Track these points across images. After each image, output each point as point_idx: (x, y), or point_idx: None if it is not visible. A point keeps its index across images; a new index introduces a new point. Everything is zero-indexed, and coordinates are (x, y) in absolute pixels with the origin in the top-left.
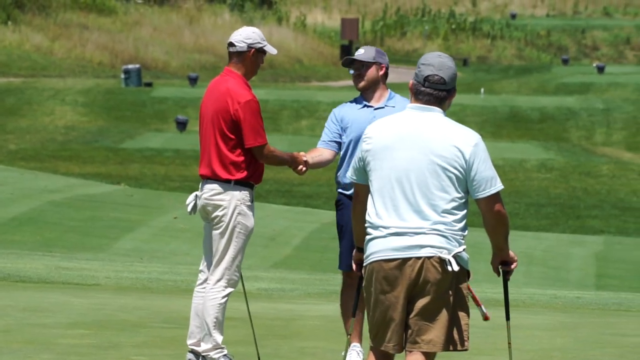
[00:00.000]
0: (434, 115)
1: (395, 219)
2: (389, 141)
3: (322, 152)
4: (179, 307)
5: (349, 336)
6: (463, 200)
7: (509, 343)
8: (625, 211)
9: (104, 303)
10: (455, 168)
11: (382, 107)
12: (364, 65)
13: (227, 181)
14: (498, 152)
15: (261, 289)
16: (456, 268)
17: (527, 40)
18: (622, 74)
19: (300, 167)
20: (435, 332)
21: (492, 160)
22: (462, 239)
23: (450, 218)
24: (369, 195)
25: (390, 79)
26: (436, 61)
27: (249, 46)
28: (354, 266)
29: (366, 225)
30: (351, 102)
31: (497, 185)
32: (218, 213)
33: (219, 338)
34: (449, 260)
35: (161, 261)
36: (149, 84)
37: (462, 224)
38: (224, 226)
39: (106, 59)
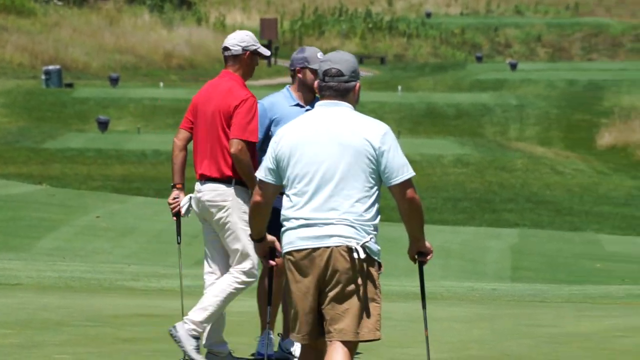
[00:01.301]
0: (342, 109)
1: (306, 210)
2: (301, 139)
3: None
4: (101, 305)
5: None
6: (373, 191)
7: (426, 331)
8: (539, 204)
9: (26, 302)
10: (366, 159)
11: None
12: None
13: (229, 180)
14: (415, 148)
15: (184, 286)
16: (362, 256)
17: (442, 39)
18: (534, 71)
19: None
20: (347, 321)
21: (410, 156)
22: (373, 230)
23: (360, 208)
24: (286, 191)
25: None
26: (333, 56)
27: (244, 49)
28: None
29: (281, 219)
30: (278, 96)
31: (409, 172)
32: (222, 214)
33: (205, 324)
34: (356, 249)
35: (83, 260)
36: (70, 85)
37: (371, 214)
38: (231, 225)
39: (26, 60)
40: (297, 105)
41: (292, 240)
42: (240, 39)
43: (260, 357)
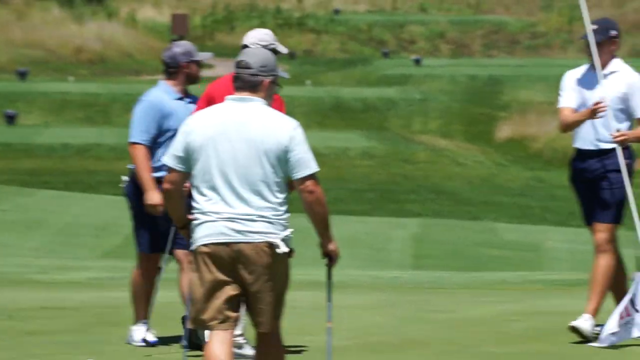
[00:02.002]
0: (254, 105)
1: (223, 205)
2: (212, 133)
3: None
4: (7, 299)
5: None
6: (284, 185)
7: (329, 322)
8: (441, 195)
9: None
10: (276, 154)
11: (191, 101)
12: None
13: None
14: (323, 141)
15: (91, 278)
16: (286, 250)
17: (350, 35)
18: (437, 67)
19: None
20: (269, 313)
21: (318, 149)
22: (286, 222)
23: (275, 203)
24: (194, 185)
25: (220, 72)
26: (248, 50)
27: (263, 48)
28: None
29: (194, 211)
30: (159, 92)
31: (314, 167)
32: None
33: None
34: (277, 244)
35: None
36: None
37: (285, 208)
38: None
39: None
40: (180, 98)
41: (209, 233)
42: (260, 38)
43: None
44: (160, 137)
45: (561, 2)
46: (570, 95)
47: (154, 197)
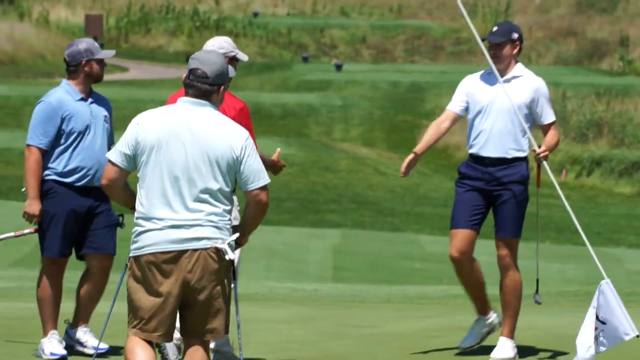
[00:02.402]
0: (206, 110)
1: (170, 211)
2: (162, 134)
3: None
4: None
5: (67, 322)
6: (231, 193)
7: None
8: (362, 205)
9: None
10: (227, 161)
11: (93, 101)
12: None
13: None
14: None
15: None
16: (232, 256)
17: (269, 39)
18: (358, 72)
19: None
20: (219, 320)
21: None
22: (230, 228)
23: (222, 209)
24: (140, 187)
25: (135, 75)
26: (202, 56)
27: (223, 55)
28: None
29: (137, 216)
30: (61, 92)
31: (265, 179)
32: None
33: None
34: (224, 249)
35: None
36: None
37: (230, 215)
38: None
39: None
40: (82, 99)
41: (156, 241)
42: (219, 46)
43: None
44: (63, 140)
45: (485, 8)
46: (458, 99)
47: (32, 206)
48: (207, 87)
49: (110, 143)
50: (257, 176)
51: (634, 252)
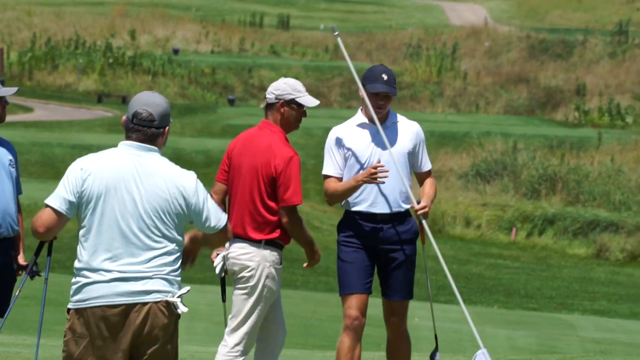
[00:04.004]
0: (152, 156)
1: (116, 262)
2: (109, 182)
3: None
4: None
5: None
6: (181, 240)
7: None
8: (293, 263)
9: None
10: (177, 209)
11: None
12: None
13: (259, 241)
14: None
15: None
16: (184, 310)
17: (190, 78)
18: None
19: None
20: None
21: None
22: (180, 279)
23: (171, 259)
24: (82, 236)
25: (40, 115)
26: (145, 97)
27: (277, 97)
28: None
29: (79, 267)
30: None
31: (224, 216)
32: (245, 274)
33: None
34: (175, 303)
35: None
36: None
37: (179, 265)
38: (250, 288)
39: None
40: None
41: (103, 294)
42: (275, 87)
43: None
44: None
45: (430, 50)
46: (336, 159)
47: None
48: (153, 131)
49: (17, 190)
50: (216, 217)
51: (589, 318)
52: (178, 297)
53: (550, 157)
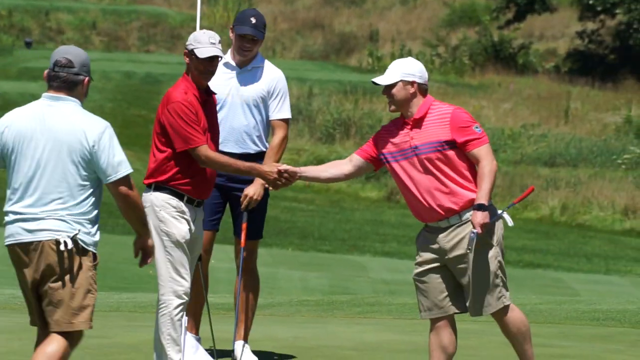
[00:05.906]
0: (67, 105)
1: (20, 205)
2: (23, 131)
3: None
4: None
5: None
6: (89, 186)
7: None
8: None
9: None
10: (79, 155)
11: None
12: None
13: (149, 185)
14: None
15: None
16: (70, 247)
17: None
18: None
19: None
20: (61, 312)
21: None
22: (87, 222)
23: (72, 202)
24: (8, 181)
25: None
26: (65, 48)
27: (185, 47)
28: None
29: (4, 209)
30: None
31: (125, 169)
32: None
33: (175, 357)
34: (65, 241)
35: None
36: None
37: (85, 208)
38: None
39: None
40: None
41: (11, 233)
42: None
43: None
44: None
45: None
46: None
47: None
48: (73, 77)
49: None
50: (115, 168)
51: (379, 259)
52: (72, 236)
53: (344, 102)
